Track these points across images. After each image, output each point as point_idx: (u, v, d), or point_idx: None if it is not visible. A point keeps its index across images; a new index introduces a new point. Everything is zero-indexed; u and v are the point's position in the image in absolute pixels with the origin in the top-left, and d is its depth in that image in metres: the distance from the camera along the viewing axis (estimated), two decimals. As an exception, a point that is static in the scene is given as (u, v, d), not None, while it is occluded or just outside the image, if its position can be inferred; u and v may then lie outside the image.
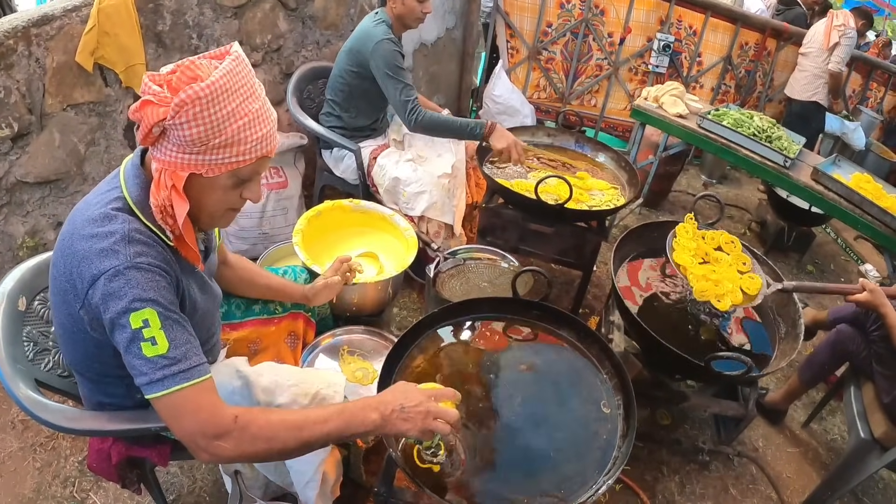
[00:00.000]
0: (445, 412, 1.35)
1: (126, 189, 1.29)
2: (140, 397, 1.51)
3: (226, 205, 1.35)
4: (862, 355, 2.51)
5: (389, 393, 1.39)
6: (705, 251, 2.41)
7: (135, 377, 1.23)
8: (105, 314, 1.21)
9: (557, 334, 1.97)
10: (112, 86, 2.66)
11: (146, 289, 1.21)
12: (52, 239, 2.69)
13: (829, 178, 3.33)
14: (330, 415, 1.32)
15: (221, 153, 1.22)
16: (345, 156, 3.11)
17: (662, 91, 3.86)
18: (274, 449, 1.27)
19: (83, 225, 1.24)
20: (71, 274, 1.24)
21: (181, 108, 1.14)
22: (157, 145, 1.22)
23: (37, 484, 2.21)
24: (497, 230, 2.82)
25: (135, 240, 1.24)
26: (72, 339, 1.38)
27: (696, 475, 2.57)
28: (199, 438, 1.23)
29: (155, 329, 1.20)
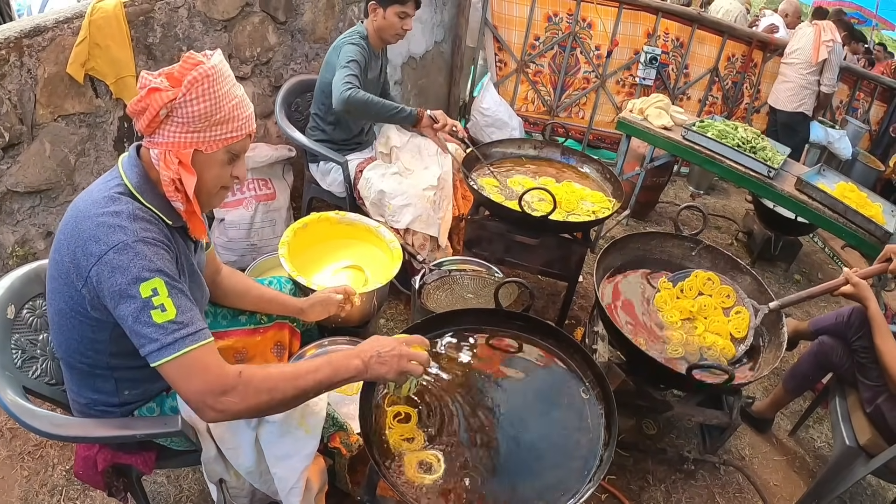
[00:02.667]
0: (417, 354, 1.53)
1: (126, 177, 1.39)
2: (127, 394, 1.59)
3: (220, 181, 1.47)
4: (845, 366, 2.53)
5: (367, 343, 1.53)
6: (687, 308, 2.44)
7: (143, 346, 1.30)
8: (112, 287, 1.28)
9: (540, 345, 1.98)
10: (102, 97, 2.68)
11: (153, 260, 1.31)
12: (42, 248, 2.70)
13: (813, 187, 3.36)
14: (320, 365, 1.44)
15: (219, 129, 1.37)
16: (331, 169, 3.13)
17: (647, 103, 3.89)
18: (275, 399, 1.38)
19: (87, 207, 1.33)
20: (75, 254, 1.31)
21: (192, 85, 1.30)
22: (158, 131, 1.35)
23: (24, 492, 2.20)
24: (483, 242, 2.84)
25: (139, 217, 1.34)
26: (69, 324, 1.43)
27: (683, 484, 2.58)
28: (207, 396, 1.31)
29: (163, 297, 1.29)
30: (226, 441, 1.64)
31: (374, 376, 1.50)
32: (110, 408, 1.60)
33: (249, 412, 1.39)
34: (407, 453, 1.58)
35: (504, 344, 1.99)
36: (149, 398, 1.65)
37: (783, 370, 2.89)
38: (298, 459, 1.65)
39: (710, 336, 2.33)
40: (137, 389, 1.61)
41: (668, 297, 2.48)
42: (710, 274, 2.54)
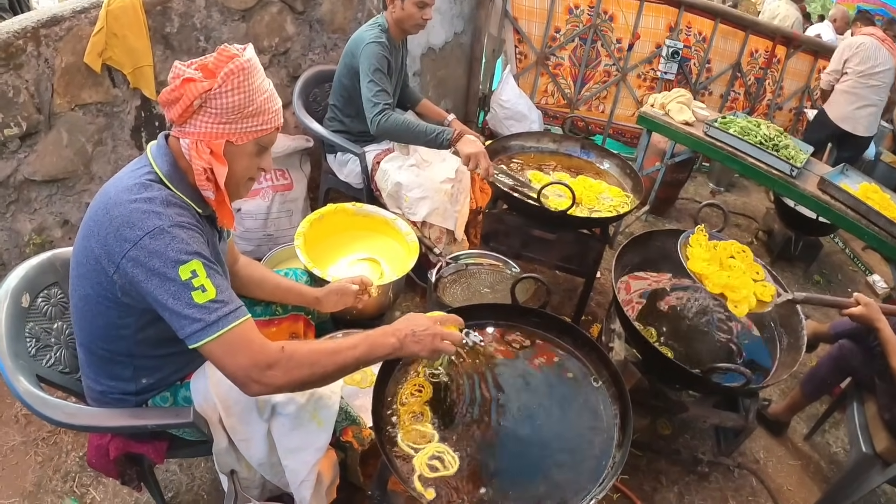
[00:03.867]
0: (451, 334, 1.56)
1: (156, 165, 1.41)
2: (145, 382, 1.61)
3: (248, 173, 1.50)
4: (864, 371, 2.49)
5: (402, 321, 1.56)
6: (719, 259, 2.37)
7: (183, 328, 1.32)
8: (149, 271, 1.30)
9: (556, 342, 1.97)
10: (120, 87, 2.69)
11: (190, 243, 1.33)
12: (59, 237, 2.73)
13: (836, 187, 3.30)
14: (357, 341, 1.47)
15: (251, 121, 1.39)
16: (349, 160, 3.12)
17: (669, 98, 3.84)
18: (316, 374, 1.42)
19: (119, 194, 1.35)
20: (106, 240, 1.32)
21: (228, 78, 1.32)
22: (190, 121, 1.37)
23: (38, 478, 2.23)
24: (500, 236, 2.82)
25: (173, 203, 1.37)
26: (94, 309, 1.45)
27: (696, 486, 2.55)
28: (252, 371, 1.34)
29: (202, 278, 1.32)
30: (238, 432, 1.65)
31: (408, 354, 1.53)
32: (126, 396, 1.61)
33: (291, 386, 1.42)
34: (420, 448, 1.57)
35: (519, 340, 1.98)
36: (164, 387, 1.66)
37: (801, 373, 2.84)
38: (310, 453, 1.66)
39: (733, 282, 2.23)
40: (154, 378, 1.62)
41: (702, 239, 2.40)
42: (745, 247, 2.46)
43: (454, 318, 1.65)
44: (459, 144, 2.68)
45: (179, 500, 2.23)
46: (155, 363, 1.60)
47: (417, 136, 2.73)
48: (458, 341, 1.59)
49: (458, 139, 2.68)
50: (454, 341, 1.57)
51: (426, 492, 1.48)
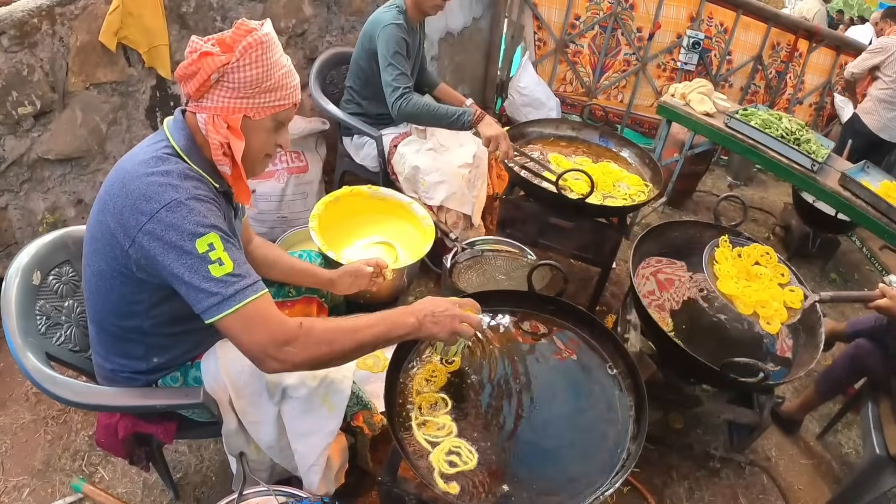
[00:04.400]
0: (470, 317, 1.56)
1: (172, 139, 1.40)
2: (156, 361, 1.60)
3: (265, 149, 1.48)
4: (880, 371, 2.46)
5: (421, 303, 1.55)
6: (746, 269, 2.35)
7: (200, 302, 1.30)
8: (166, 244, 1.28)
9: (572, 331, 1.95)
10: (135, 66, 2.68)
11: (207, 216, 1.32)
12: (73, 216, 2.73)
13: (857, 184, 3.26)
14: (377, 320, 1.47)
15: (268, 96, 1.38)
16: (365, 143, 3.11)
17: (690, 88, 3.79)
18: (335, 351, 1.40)
19: (135, 168, 1.33)
20: (122, 214, 1.31)
21: (246, 51, 1.30)
22: (207, 95, 1.35)
23: (47, 456, 2.24)
24: (517, 223, 2.79)
25: (190, 177, 1.36)
26: (107, 285, 1.44)
27: (706, 482, 2.53)
28: (269, 347, 1.33)
29: (220, 251, 1.30)
30: (248, 415, 1.64)
31: (426, 335, 1.52)
32: (137, 374, 1.60)
33: (309, 363, 1.40)
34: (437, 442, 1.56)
35: (535, 328, 1.96)
36: (175, 367, 1.65)
37: (816, 372, 2.81)
38: (320, 437, 1.65)
39: (765, 294, 2.23)
40: (166, 357, 1.61)
41: (727, 252, 2.38)
42: (769, 248, 2.45)
43: (472, 302, 1.63)
44: (481, 126, 2.69)
45: (188, 481, 2.23)
46: (167, 342, 1.59)
47: (439, 119, 2.73)
48: (476, 325, 1.58)
49: (480, 120, 2.69)
50: (473, 324, 1.56)
51: (449, 486, 1.46)
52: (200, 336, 1.63)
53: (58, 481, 2.16)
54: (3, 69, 2.24)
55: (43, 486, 2.14)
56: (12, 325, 1.51)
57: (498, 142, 2.66)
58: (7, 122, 2.34)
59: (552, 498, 1.49)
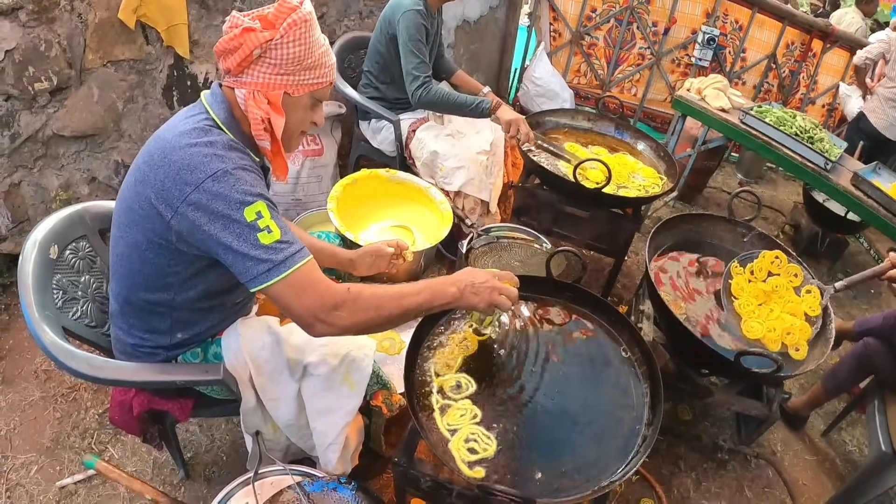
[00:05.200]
0: (508, 289, 1.58)
1: (213, 112, 1.41)
2: (180, 336, 1.60)
3: (302, 125, 1.50)
4: (888, 369, 2.48)
5: (462, 273, 1.58)
6: (762, 291, 2.37)
7: (248, 270, 1.31)
8: (213, 214, 1.29)
9: (589, 317, 1.96)
10: (153, 44, 2.68)
11: (254, 185, 1.33)
12: (86, 193, 2.74)
13: (869, 184, 3.27)
14: (421, 288, 1.50)
15: (308, 74, 1.40)
16: (383, 127, 3.11)
17: (706, 83, 3.80)
18: (381, 317, 1.43)
19: (176, 139, 1.33)
20: (163, 184, 1.31)
21: (290, 29, 1.32)
22: (247, 71, 1.36)
23: (56, 434, 2.24)
24: (532, 211, 2.81)
25: (234, 148, 1.37)
26: (142, 257, 1.43)
27: (713, 473, 2.55)
28: (319, 311, 1.35)
29: (268, 219, 1.32)
30: (268, 392, 1.64)
31: (466, 305, 1.55)
32: (158, 349, 1.61)
33: (357, 328, 1.42)
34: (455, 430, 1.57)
35: (553, 313, 1.97)
36: (197, 343, 1.65)
37: (822, 369, 2.82)
38: (340, 415, 1.65)
39: (787, 318, 2.26)
40: (190, 333, 1.61)
41: (742, 282, 2.40)
42: (777, 252, 2.47)
43: (510, 275, 1.65)
44: (499, 112, 2.74)
45: (198, 461, 2.23)
46: (194, 317, 1.59)
47: (458, 108, 2.78)
48: (514, 297, 1.59)
49: (498, 108, 2.74)
50: (511, 297, 1.58)
51: (474, 472, 1.47)
52: (226, 313, 1.65)
53: (66, 459, 2.16)
54: (20, 44, 2.24)
55: (51, 464, 2.14)
56: (29, 298, 1.50)
57: (518, 125, 2.72)
58: (23, 98, 2.34)
59: (570, 481, 1.50)
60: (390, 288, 1.48)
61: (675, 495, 2.43)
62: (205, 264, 1.44)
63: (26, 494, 2.04)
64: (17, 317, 2.61)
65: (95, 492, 2.08)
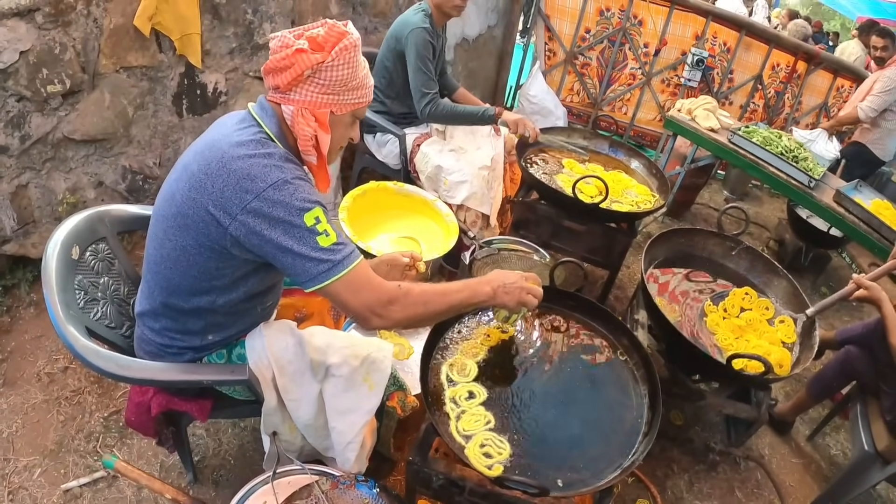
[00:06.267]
0: (535, 289, 1.70)
1: (265, 125, 1.48)
2: (211, 338, 1.64)
3: (342, 142, 1.61)
4: (869, 375, 2.57)
5: (493, 274, 1.70)
6: (736, 326, 2.49)
7: (308, 271, 1.40)
8: (272, 221, 1.37)
9: (590, 325, 2.06)
10: (166, 52, 2.70)
11: (311, 193, 1.42)
12: (93, 197, 2.72)
13: (851, 201, 3.41)
14: (461, 287, 1.63)
15: (352, 94, 1.49)
16: (388, 141, 3.17)
17: (696, 104, 3.92)
18: (429, 312, 1.55)
19: (234, 149, 1.40)
20: (222, 192, 1.38)
21: (341, 53, 1.40)
22: (296, 89, 1.44)
23: (59, 437, 2.22)
24: (531, 224, 2.90)
25: (290, 160, 1.46)
26: (190, 260, 1.49)
27: (705, 475, 2.63)
28: (375, 306, 1.47)
29: (325, 224, 1.41)
30: (290, 392, 1.68)
31: (499, 304, 1.67)
32: (186, 350, 1.64)
33: (407, 321, 1.54)
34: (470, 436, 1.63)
35: (556, 321, 2.06)
36: (224, 345, 1.70)
37: (806, 377, 2.93)
38: (359, 415, 1.70)
39: (765, 345, 2.37)
40: (222, 335, 1.66)
41: (717, 319, 2.51)
42: (747, 289, 2.62)
43: (536, 276, 1.76)
44: (504, 115, 2.92)
45: (206, 464, 2.23)
46: (228, 320, 1.64)
47: (465, 118, 2.96)
48: (540, 297, 1.72)
49: (501, 113, 2.92)
50: (537, 296, 1.71)
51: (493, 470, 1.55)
52: (256, 317, 1.70)
53: (71, 462, 2.14)
54: (35, 46, 2.23)
55: (55, 467, 2.12)
56: (53, 297, 1.51)
57: (524, 123, 2.92)
58: (35, 100, 2.33)
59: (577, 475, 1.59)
60: (435, 286, 1.61)
61: (669, 496, 2.50)
62: (251, 268, 1.52)
63: (30, 497, 2.03)
64: (19, 319, 2.58)
65: (101, 495, 2.07)
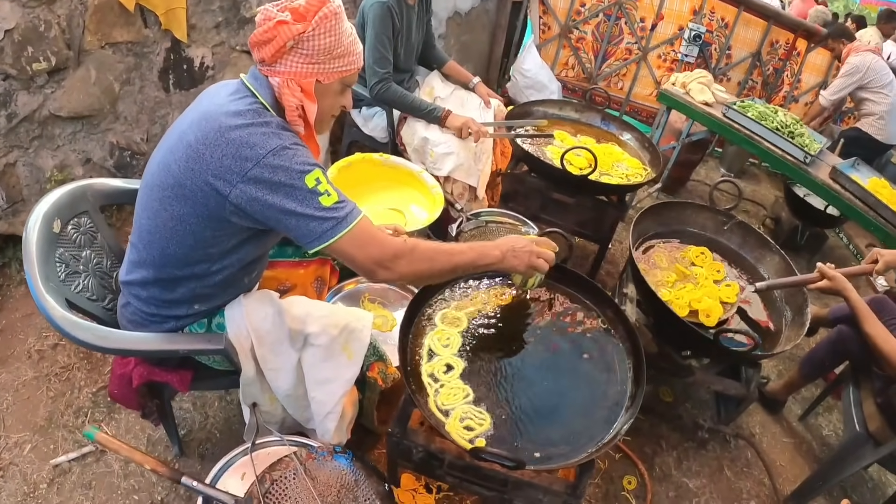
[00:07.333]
0: (546, 253, 1.72)
1: (260, 96, 1.48)
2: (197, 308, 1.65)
3: (332, 110, 1.61)
4: (861, 355, 2.54)
5: (504, 239, 1.71)
6: (680, 271, 2.51)
7: (312, 230, 1.41)
8: (273, 185, 1.38)
9: (575, 297, 2.03)
10: (151, 27, 2.69)
11: (309, 156, 1.44)
12: (81, 174, 2.72)
13: (847, 178, 3.37)
14: (468, 247, 1.67)
15: (338, 62, 1.48)
16: (375, 114, 3.15)
17: (691, 78, 3.88)
18: (434, 269, 1.57)
19: (231, 118, 1.41)
20: (221, 161, 1.38)
21: (322, 21, 1.40)
22: (280, 61, 1.45)
23: (49, 413, 2.24)
24: (519, 197, 2.87)
25: (287, 129, 1.46)
26: (186, 229, 1.49)
27: (694, 453, 2.62)
28: (382, 259, 1.48)
29: (325, 184, 1.42)
30: (268, 362, 1.68)
31: (507, 267, 1.69)
32: (169, 319, 1.65)
33: (413, 276, 1.55)
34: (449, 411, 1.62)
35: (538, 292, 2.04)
36: (206, 315, 1.69)
37: (800, 355, 2.90)
38: (339, 385, 1.70)
39: (699, 295, 2.37)
40: (207, 305, 1.67)
41: (662, 256, 2.56)
42: (704, 248, 2.63)
43: (547, 241, 1.78)
44: (449, 121, 2.87)
45: (192, 437, 2.24)
46: (213, 291, 1.64)
47: (412, 110, 2.91)
48: (551, 261, 1.73)
49: (447, 117, 2.86)
50: (548, 259, 1.72)
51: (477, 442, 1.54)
52: (243, 289, 1.72)
53: (60, 437, 2.16)
54: (20, 24, 2.23)
55: (45, 443, 2.14)
56: (34, 270, 1.52)
57: (468, 127, 2.86)
58: (21, 78, 2.34)
59: (557, 449, 1.58)
60: (443, 244, 1.62)
61: (656, 473, 2.49)
62: (246, 236, 1.54)
63: (20, 473, 2.04)
64: (10, 297, 2.60)
65: (89, 469, 2.08)
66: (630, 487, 2.38)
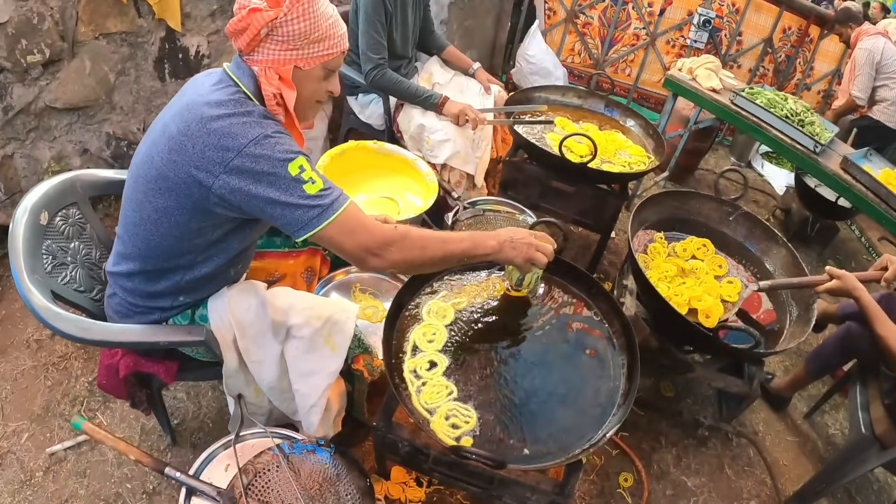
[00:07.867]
0: (545, 247, 1.68)
1: (242, 84, 1.45)
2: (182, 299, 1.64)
3: (316, 96, 1.55)
4: (870, 354, 2.48)
5: (502, 230, 1.68)
6: (680, 266, 2.45)
7: (298, 219, 1.38)
8: (256, 175, 1.35)
9: (569, 289, 1.99)
10: (145, 17, 2.68)
11: (292, 145, 1.40)
12: (78, 165, 2.75)
13: (859, 168, 3.28)
14: (463, 237, 1.62)
15: (317, 47, 1.44)
16: (371, 101, 3.11)
17: (698, 63, 3.79)
18: (426, 257, 1.52)
19: (212, 108, 1.38)
20: (203, 153, 1.36)
21: (293, 6, 1.35)
22: (257, 49, 1.42)
23: (46, 402, 2.26)
24: (519, 185, 2.82)
25: (268, 117, 1.43)
26: (169, 221, 1.47)
27: (694, 450, 2.57)
28: (372, 246, 1.44)
29: (310, 172, 1.38)
30: (251, 353, 1.67)
31: (504, 259, 1.65)
32: (154, 310, 1.64)
33: (404, 264, 1.52)
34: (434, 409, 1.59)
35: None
36: (190, 306, 1.68)
37: (807, 351, 2.84)
38: (322, 377, 1.68)
39: (699, 292, 2.31)
40: (192, 297, 1.65)
41: (660, 248, 2.50)
42: (706, 241, 2.56)
43: (546, 235, 1.74)
44: (446, 107, 2.81)
45: (185, 427, 2.26)
46: (198, 284, 1.63)
47: (409, 97, 2.86)
48: (550, 255, 1.69)
49: (444, 103, 2.81)
50: (546, 253, 1.68)
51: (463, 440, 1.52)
52: (228, 281, 1.70)
53: (57, 426, 2.19)
54: (13, 17, 2.24)
55: (42, 431, 2.17)
56: (19, 262, 1.52)
57: (465, 114, 2.81)
58: (16, 70, 2.35)
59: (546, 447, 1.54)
60: (436, 232, 1.58)
61: (654, 470, 2.45)
62: (232, 227, 1.51)
63: (17, 461, 2.07)
64: (10, 288, 2.62)
65: (85, 458, 2.11)
66: (626, 484, 2.34)
